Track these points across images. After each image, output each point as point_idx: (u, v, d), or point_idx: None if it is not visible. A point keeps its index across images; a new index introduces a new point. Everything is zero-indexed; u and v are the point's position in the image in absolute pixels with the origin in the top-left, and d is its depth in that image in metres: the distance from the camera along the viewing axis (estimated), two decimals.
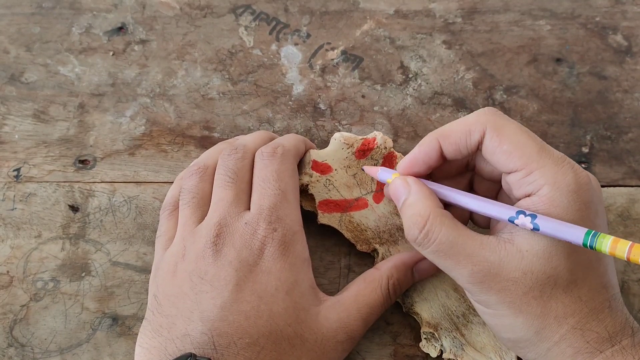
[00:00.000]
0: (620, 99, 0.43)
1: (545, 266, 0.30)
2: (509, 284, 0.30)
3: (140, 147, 0.43)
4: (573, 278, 0.30)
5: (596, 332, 0.30)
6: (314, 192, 0.38)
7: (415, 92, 0.44)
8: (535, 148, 0.31)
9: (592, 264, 0.31)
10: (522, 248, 0.30)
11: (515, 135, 0.31)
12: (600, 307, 0.31)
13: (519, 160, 0.31)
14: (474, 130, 0.32)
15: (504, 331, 0.32)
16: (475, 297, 0.32)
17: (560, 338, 0.30)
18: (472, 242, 0.31)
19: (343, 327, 0.34)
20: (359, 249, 0.38)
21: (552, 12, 0.46)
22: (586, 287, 0.30)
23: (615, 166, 0.42)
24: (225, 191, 0.35)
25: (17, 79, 0.45)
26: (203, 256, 0.33)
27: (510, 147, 0.31)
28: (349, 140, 0.39)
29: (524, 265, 0.30)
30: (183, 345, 0.31)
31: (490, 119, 0.32)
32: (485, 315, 0.32)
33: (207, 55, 0.45)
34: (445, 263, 0.31)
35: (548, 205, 0.30)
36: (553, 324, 0.30)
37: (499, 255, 0.30)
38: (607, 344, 0.30)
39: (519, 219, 0.30)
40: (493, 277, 0.30)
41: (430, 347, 0.37)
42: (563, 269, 0.30)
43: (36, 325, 0.38)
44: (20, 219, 0.40)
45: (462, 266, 0.31)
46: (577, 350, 0.30)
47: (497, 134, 0.31)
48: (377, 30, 0.46)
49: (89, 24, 0.46)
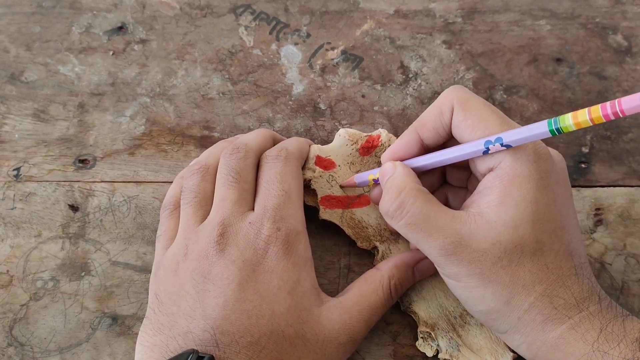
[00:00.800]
0: None
1: (512, 235, 0.31)
2: (479, 254, 0.31)
3: (140, 146, 0.43)
4: (539, 246, 0.31)
5: (563, 298, 0.31)
6: (316, 187, 0.38)
7: (415, 92, 0.44)
8: (498, 121, 0.32)
9: (557, 232, 0.32)
10: (490, 219, 0.31)
11: (479, 110, 0.33)
12: (567, 273, 0.31)
13: (482, 132, 0.32)
14: (444, 109, 0.33)
15: (475, 304, 0.32)
16: (445, 271, 0.33)
17: (530, 306, 0.31)
18: (444, 215, 0.32)
19: (345, 329, 0.34)
20: (360, 245, 0.38)
21: (552, 12, 0.46)
22: (552, 255, 0.31)
23: (615, 166, 0.42)
24: (229, 190, 0.35)
25: (17, 78, 0.45)
26: (206, 255, 0.33)
27: (474, 121, 0.32)
28: (354, 136, 0.39)
29: (492, 235, 0.31)
30: (185, 343, 0.31)
31: (456, 95, 0.33)
32: (456, 289, 0.33)
33: (207, 55, 0.45)
34: (417, 236, 0.32)
35: (511, 176, 0.31)
36: (522, 293, 0.31)
37: (469, 228, 0.31)
38: (575, 310, 0.31)
39: (491, 149, 0.31)
40: (464, 249, 0.31)
41: (427, 347, 0.37)
42: (529, 237, 0.31)
43: (36, 325, 0.38)
44: (20, 219, 0.40)
45: (434, 239, 0.31)
46: (547, 317, 0.31)
47: (463, 109, 0.33)
48: (377, 30, 0.46)
49: (89, 23, 0.46)
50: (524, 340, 0.32)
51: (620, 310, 0.32)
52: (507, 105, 0.43)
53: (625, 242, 0.40)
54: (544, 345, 0.31)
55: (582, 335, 0.31)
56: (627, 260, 0.39)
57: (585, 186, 0.41)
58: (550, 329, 0.31)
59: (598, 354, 0.30)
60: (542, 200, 0.31)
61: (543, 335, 0.31)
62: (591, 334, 0.30)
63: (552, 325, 0.31)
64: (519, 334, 0.32)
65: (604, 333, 0.30)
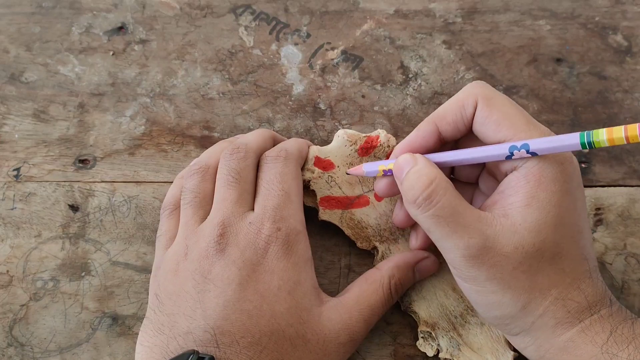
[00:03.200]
0: (620, 99, 0.43)
1: (535, 239, 0.30)
2: (501, 258, 0.30)
3: (140, 146, 0.43)
4: (558, 250, 0.31)
5: (577, 301, 0.31)
6: (315, 188, 0.38)
7: (415, 92, 0.44)
8: (524, 120, 0.32)
9: (575, 236, 0.31)
10: (515, 221, 0.30)
11: (505, 107, 0.32)
12: (582, 277, 0.31)
13: (508, 130, 0.31)
14: (467, 103, 0.33)
15: (491, 309, 0.32)
16: (463, 274, 0.32)
17: (544, 310, 0.31)
18: (470, 214, 0.31)
19: (345, 329, 0.34)
20: (359, 246, 0.38)
21: (552, 12, 0.46)
22: (569, 259, 0.31)
23: (615, 166, 0.42)
24: (229, 191, 0.35)
25: (17, 79, 0.45)
26: (206, 255, 0.33)
27: (499, 117, 0.32)
28: (353, 137, 0.39)
29: (516, 239, 0.30)
30: (185, 343, 0.31)
31: (480, 91, 0.33)
32: (471, 293, 0.32)
33: (207, 55, 0.45)
34: (442, 230, 0.31)
35: (538, 177, 0.31)
36: (538, 297, 0.31)
37: (495, 230, 0.31)
38: (587, 313, 0.31)
39: (516, 154, 0.31)
40: (487, 252, 0.30)
41: (427, 346, 0.37)
42: (550, 241, 0.30)
43: (36, 325, 0.38)
44: (20, 219, 0.40)
45: (459, 236, 0.31)
46: (559, 321, 0.31)
47: (487, 105, 0.32)
48: (377, 30, 0.46)
49: (89, 23, 0.46)
50: (532, 343, 0.32)
51: (629, 313, 0.32)
52: None
53: (625, 241, 0.40)
54: (552, 348, 0.31)
55: (591, 337, 0.30)
56: (627, 260, 0.39)
57: (585, 186, 0.41)
58: (560, 332, 0.31)
59: (607, 356, 0.30)
60: (565, 204, 0.31)
61: (553, 338, 0.31)
62: (601, 337, 0.30)
63: (563, 329, 0.31)
64: (529, 337, 0.32)
65: (613, 335, 0.30)
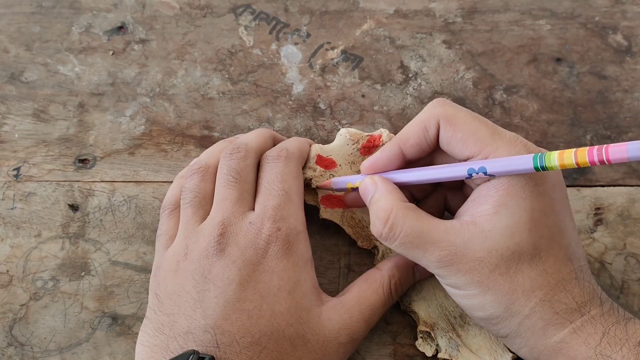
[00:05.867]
0: (620, 99, 0.43)
1: (508, 242, 0.31)
2: (476, 263, 0.31)
3: (140, 146, 0.43)
4: (536, 252, 0.31)
5: (565, 303, 0.31)
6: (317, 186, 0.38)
7: (415, 91, 0.44)
8: (488, 132, 0.32)
9: (555, 236, 0.32)
10: (484, 228, 0.31)
11: (467, 123, 0.32)
12: (567, 278, 0.31)
13: (474, 146, 0.32)
14: (429, 125, 0.33)
15: (476, 310, 0.32)
16: (445, 281, 0.33)
17: (530, 311, 0.31)
18: (436, 229, 0.32)
19: (345, 329, 0.34)
20: (360, 245, 0.38)
21: (552, 12, 0.46)
22: (551, 260, 0.31)
23: (615, 166, 0.42)
24: (229, 190, 0.35)
25: (17, 78, 0.45)
26: (206, 255, 0.33)
27: (464, 135, 0.32)
28: (355, 136, 0.39)
29: (488, 244, 0.31)
30: (185, 343, 0.31)
31: (441, 111, 0.33)
32: (457, 297, 0.33)
33: (207, 55, 0.45)
34: (413, 253, 0.32)
35: (507, 185, 0.31)
36: (521, 298, 0.31)
37: (464, 238, 0.31)
38: (577, 314, 0.31)
39: (474, 176, 0.31)
40: (460, 259, 0.31)
41: (426, 346, 0.37)
42: (526, 243, 0.31)
43: (36, 325, 0.38)
44: (20, 218, 0.40)
45: (430, 253, 0.32)
46: (548, 322, 0.31)
47: (450, 124, 0.33)
48: (377, 30, 0.46)
49: (88, 23, 0.46)
50: (524, 344, 0.32)
51: (622, 313, 0.32)
52: (507, 105, 0.43)
53: (625, 241, 0.40)
54: (546, 350, 0.31)
55: (584, 339, 0.30)
56: (627, 260, 0.39)
57: (585, 186, 0.41)
58: (551, 333, 0.31)
59: (601, 358, 0.30)
60: (538, 207, 0.31)
61: (545, 339, 0.31)
62: (594, 338, 0.30)
63: (554, 330, 0.31)
64: (519, 339, 0.32)
65: (606, 337, 0.30)
